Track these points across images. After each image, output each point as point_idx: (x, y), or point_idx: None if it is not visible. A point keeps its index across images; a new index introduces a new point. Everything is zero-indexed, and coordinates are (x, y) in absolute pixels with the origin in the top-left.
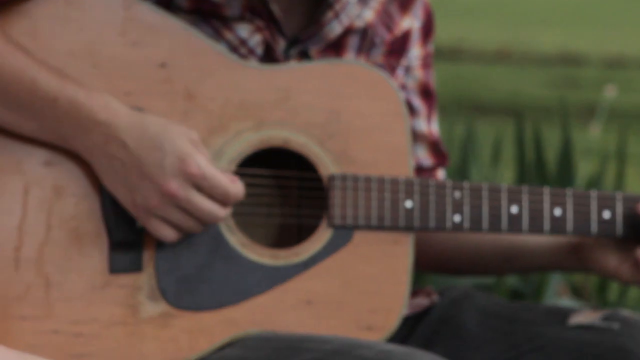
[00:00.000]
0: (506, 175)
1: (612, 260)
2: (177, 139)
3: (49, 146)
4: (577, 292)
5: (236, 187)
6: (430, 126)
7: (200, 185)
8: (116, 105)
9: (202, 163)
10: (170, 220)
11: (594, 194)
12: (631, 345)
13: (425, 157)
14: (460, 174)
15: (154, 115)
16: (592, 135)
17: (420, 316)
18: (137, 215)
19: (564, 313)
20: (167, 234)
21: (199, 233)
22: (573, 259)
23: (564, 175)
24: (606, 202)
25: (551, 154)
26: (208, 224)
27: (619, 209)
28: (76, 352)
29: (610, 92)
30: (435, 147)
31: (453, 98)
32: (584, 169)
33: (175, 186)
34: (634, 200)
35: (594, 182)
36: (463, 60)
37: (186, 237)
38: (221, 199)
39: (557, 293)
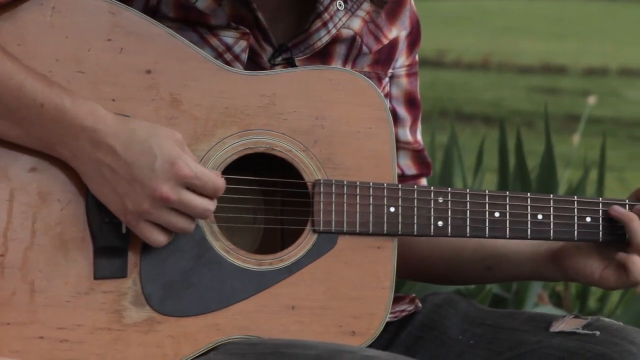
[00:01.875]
0: (489, 183)
1: (595, 267)
2: (164, 142)
3: (34, 152)
4: (557, 299)
5: (222, 180)
6: (415, 135)
7: (193, 185)
8: (102, 111)
9: (192, 163)
10: (161, 222)
11: (575, 199)
12: (612, 353)
13: (408, 166)
14: (443, 181)
15: (138, 120)
16: (574, 144)
17: (404, 322)
18: (126, 220)
19: (547, 320)
20: (157, 237)
21: (184, 238)
22: (554, 268)
23: (546, 183)
24: (588, 208)
25: (533, 162)
26: (200, 218)
27: (600, 214)
28: (61, 358)
29: (591, 102)
30: (419, 157)
31: (436, 106)
32: (566, 176)
33: (167, 189)
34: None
35: (576, 189)
36: (446, 68)
37: (171, 243)
38: (212, 194)
39: (538, 301)
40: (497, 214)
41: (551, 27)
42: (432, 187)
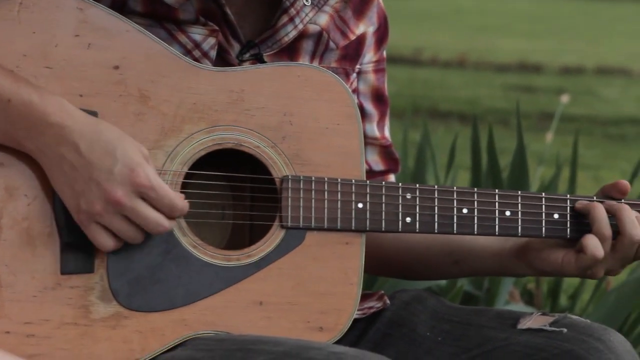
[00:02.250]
0: (462, 181)
1: (558, 254)
2: (129, 148)
3: (1, 147)
4: (529, 297)
5: (182, 202)
6: (383, 131)
7: (148, 196)
8: (70, 107)
9: (152, 175)
10: (111, 227)
11: (543, 195)
12: (579, 350)
13: (376, 162)
14: (416, 179)
15: (108, 122)
16: (547, 142)
17: (372, 319)
18: (78, 219)
19: (514, 317)
20: (105, 241)
21: (139, 242)
22: (520, 263)
23: (518, 181)
24: (555, 204)
25: (508, 160)
26: (151, 232)
27: (568, 210)
28: (28, 353)
29: (564, 100)
30: (387, 152)
31: (411, 104)
32: (539, 174)
33: (121, 194)
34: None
35: (548, 187)
36: (422, 66)
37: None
38: (167, 210)
39: (509, 299)
40: (465, 210)
41: (527, 26)
42: (400, 184)
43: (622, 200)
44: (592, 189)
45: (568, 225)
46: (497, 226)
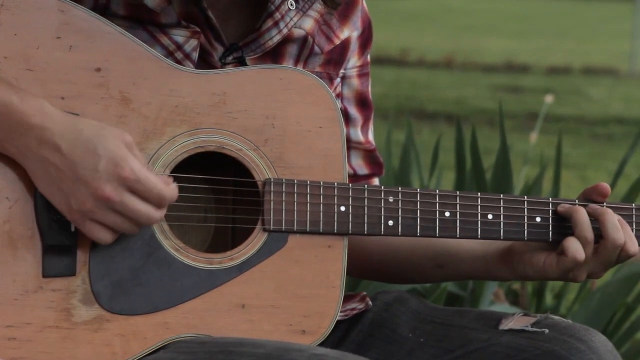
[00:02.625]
0: (447, 181)
1: (540, 257)
2: (110, 142)
3: None
4: (514, 297)
5: (170, 189)
6: (367, 135)
7: (135, 189)
8: (50, 109)
9: (137, 167)
10: (105, 222)
11: (525, 199)
12: (560, 350)
13: (360, 166)
14: (400, 179)
15: (88, 119)
16: (531, 142)
17: (354, 321)
18: (72, 218)
19: (496, 318)
20: (103, 236)
21: (133, 236)
22: (503, 267)
23: (502, 182)
24: (537, 207)
25: (493, 160)
26: (144, 225)
27: (550, 213)
28: (9, 357)
29: (548, 100)
30: (371, 156)
31: (397, 105)
32: (523, 174)
33: (110, 190)
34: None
35: (532, 187)
36: (409, 67)
37: (120, 241)
38: (156, 202)
39: (494, 299)
40: (447, 214)
41: (514, 26)
42: (382, 187)
43: (605, 204)
44: (578, 188)
45: (550, 229)
46: (479, 229)
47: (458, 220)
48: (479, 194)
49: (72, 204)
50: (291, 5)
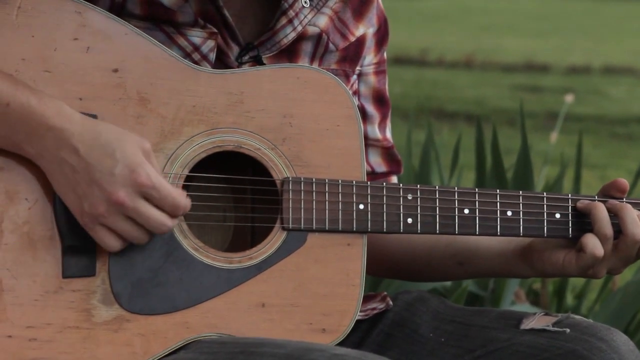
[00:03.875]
0: (467, 181)
1: (559, 255)
2: (129, 148)
3: (1, 151)
4: (534, 297)
5: (185, 199)
6: (385, 132)
7: (150, 195)
8: (69, 111)
9: (153, 174)
10: (115, 229)
11: (544, 195)
12: (582, 350)
13: (379, 164)
14: (420, 179)
15: (107, 123)
16: (551, 142)
17: (375, 320)
18: (83, 221)
19: (517, 318)
20: (111, 242)
21: (153, 236)
22: (523, 264)
23: (523, 181)
24: (557, 204)
25: (514, 160)
26: (155, 233)
27: (570, 209)
28: (30, 357)
29: (569, 100)
30: (388, 154)
31: (417, 104)
32: (544, 173)
33: (124, 195)
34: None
35: (553, 187)
36: (429, 67)
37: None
38: (170, 209)
39: (515, 299)
40: (466, 211)
41: (534, 25)
42: (401, 184)
43: (624, 200)
44: (598, 188)
45: (570, 225)
46: (498, 226)
47: (477, 217)
48: (497, 190)
49: (84, 206)
50: (305, 3)
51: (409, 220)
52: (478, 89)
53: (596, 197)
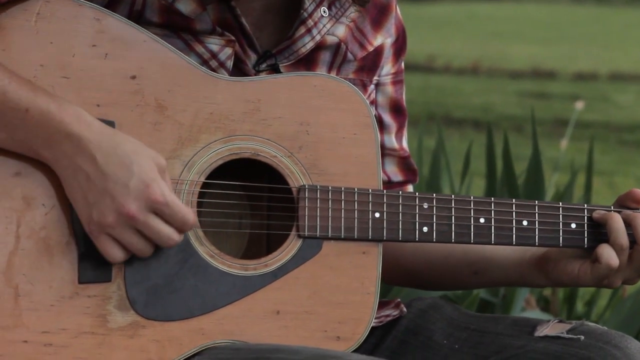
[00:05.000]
0: (477, 188)
1: (575, 265)
2: (145, 162)
3: (19, 157)
4: (545, 304)
5: (194, 217)
6: (401, 142)
7: (161, 212)
8: (89, 118)
9: (166, 191)
10: (121, 240)
11: (560, 205)
12: (596, 357)
13: (395, 173)
14: (430, 186)
15: (125, 134)
16: (561, 149)
17: (389, 327)
18: (89, 229)
19: (531, 325)
20: (114, 253)
21: (147, 256)
22: (538, 274)
23: (534, 188)
24: (572, 214)
25: (522, 167)
26: (162, 246)
27: (585, 220)
28: None
29: (579, 107)
30: (405, 163)
31: (425, 111)
32: (554, 181)
33: (135, 208)
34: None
35: (563, 194)
36: (436, 73)
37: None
38: (179, 225)
39: (525, 305)
40: (482, 220)
41: (541, 32)
42: (417, 193)
43: (639, 210)
44: (606, 195)
45: (585, 235)
46: (514, 236)
47: (493, 227)
48: (513, 200)
49: (93, 214)
50: (324, 12)
51: (425, 229)
52: (485, 96)
53: (612, 207)
